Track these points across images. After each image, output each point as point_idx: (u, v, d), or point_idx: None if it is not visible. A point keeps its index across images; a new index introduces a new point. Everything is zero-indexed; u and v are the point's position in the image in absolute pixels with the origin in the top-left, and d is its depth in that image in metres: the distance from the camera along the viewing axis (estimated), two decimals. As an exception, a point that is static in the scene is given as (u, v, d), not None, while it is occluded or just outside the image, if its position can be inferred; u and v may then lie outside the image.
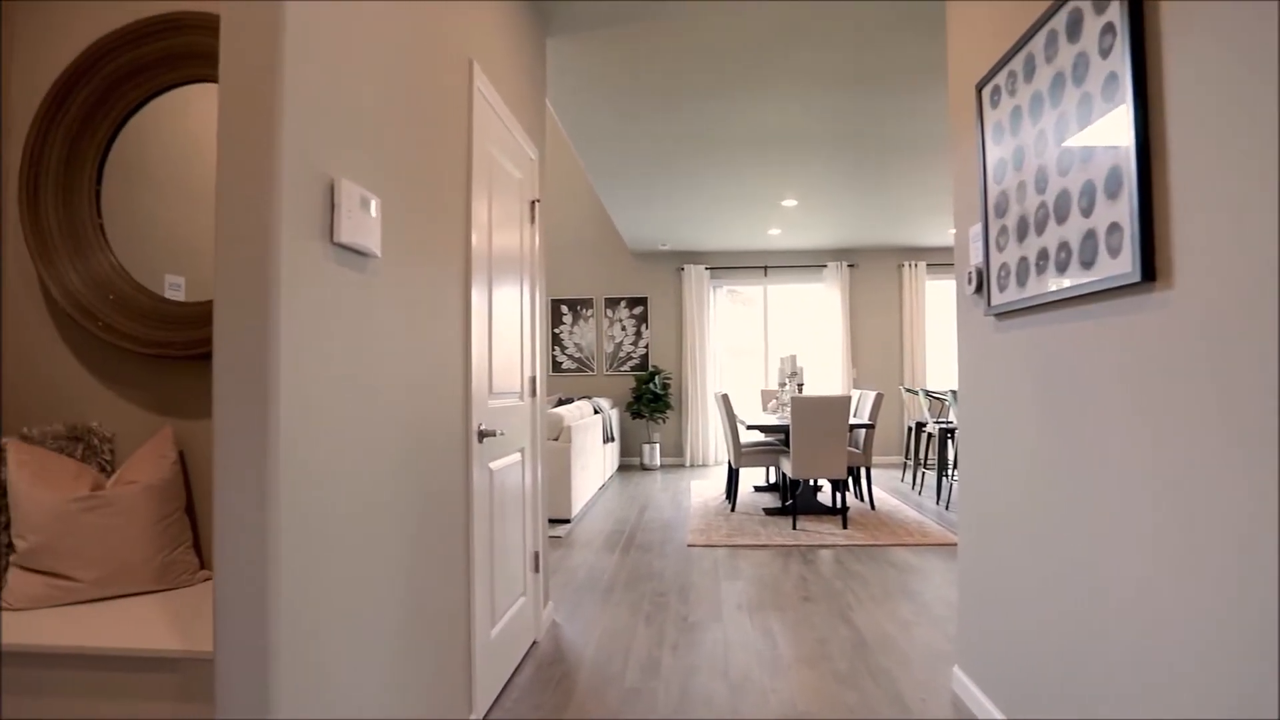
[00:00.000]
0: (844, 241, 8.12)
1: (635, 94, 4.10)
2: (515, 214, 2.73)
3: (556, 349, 8.77)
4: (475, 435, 2.17)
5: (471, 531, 2.13)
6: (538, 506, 2.96)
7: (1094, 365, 1.54)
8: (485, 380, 2.31)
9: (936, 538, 4.66)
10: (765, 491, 6.60)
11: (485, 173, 2.32)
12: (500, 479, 2.45)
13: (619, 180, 5.64)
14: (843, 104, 4.21)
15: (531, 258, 2.98)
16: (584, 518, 5.52)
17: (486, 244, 2.34)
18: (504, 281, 2.56)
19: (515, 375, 2.69)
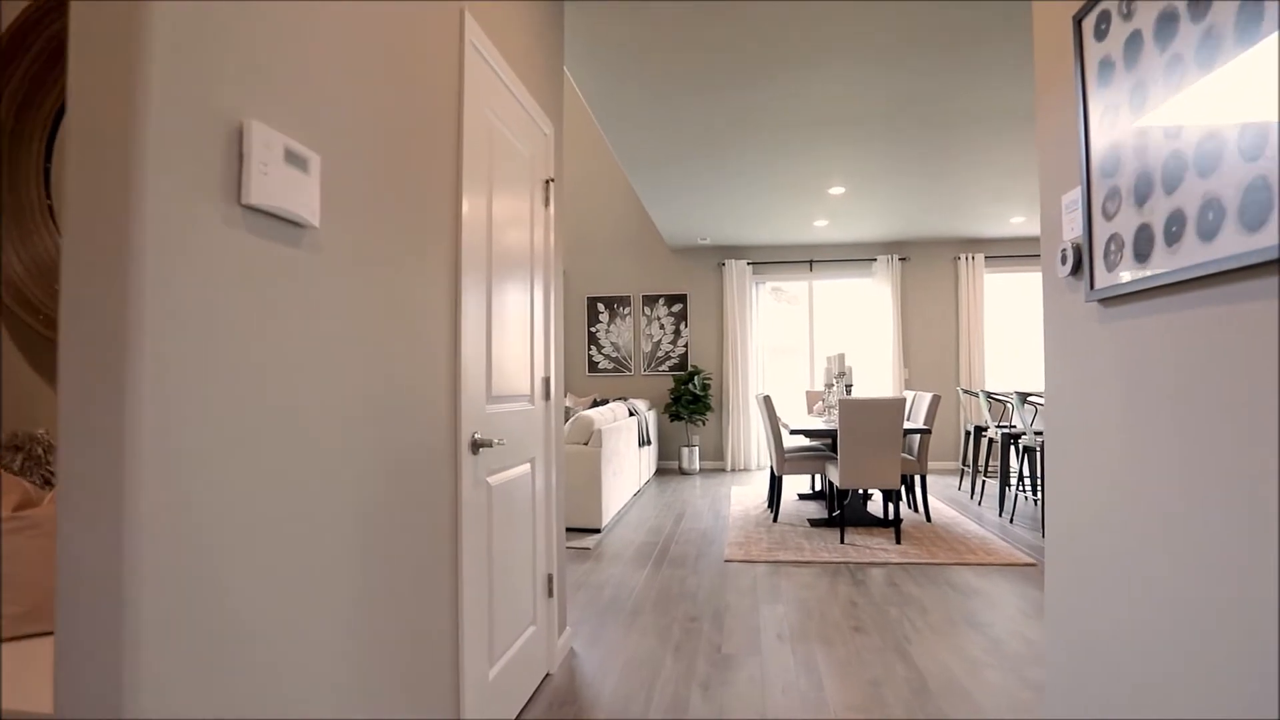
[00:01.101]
0: (895, 233, 7.63)
1: (669, 70, 3.76)
2: (524, 194, 2.42)
3: (593, 348, 8.49)
4: (467, 447, 1.87)
5: (461, 558, 1.82)
6: (552, 523, 2.65)
7: (1258, 364, 1.14)
8: (482, 385, 2.00)
9: (1003, 556, 4.20)
10: (810, 500, 6.18)
11: (483, 143, 2.02)
12: (503, 494, 2.14)
13: (653, 167, 5.30)
14: (897, 75, 3.79)
15: (545, 244, 2.67)
16: (615, 527, 5.20)
17: (485, 227, 2.04)
18: (509, 271, 2.25)
19: (524, 377, 2.38)
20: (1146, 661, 1.48)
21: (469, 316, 1.89)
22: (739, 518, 5.45)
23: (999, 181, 5.70)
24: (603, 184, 8.52)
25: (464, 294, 1.86)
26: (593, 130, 8.47)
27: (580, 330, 8.55)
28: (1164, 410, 1.41)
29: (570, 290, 8.57)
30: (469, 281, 1.89)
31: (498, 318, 2.14)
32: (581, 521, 4.95)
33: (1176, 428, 1.38)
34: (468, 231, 1.89)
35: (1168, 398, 1.40)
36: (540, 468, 2.54)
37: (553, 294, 2.74)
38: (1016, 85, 3.91)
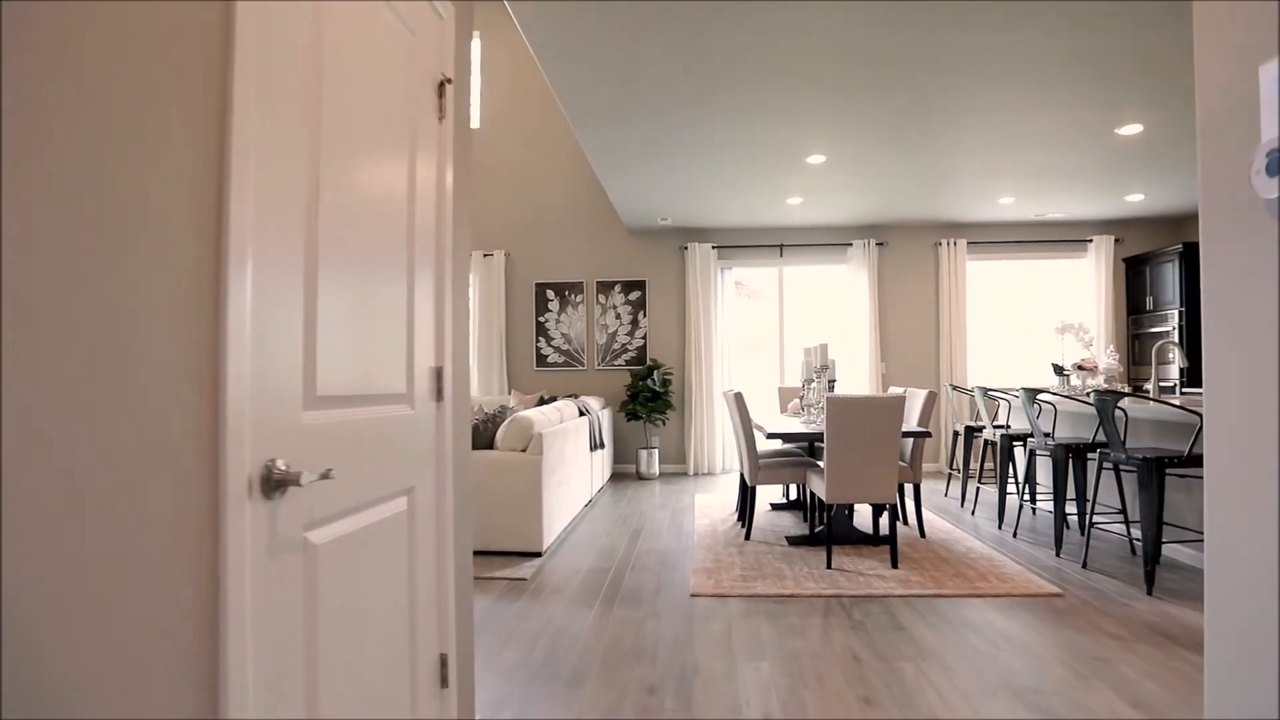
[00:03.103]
0: (872, 215, 6.96)
1: (630, 4, 2.96)
2: (397, 98, 1.58)
3: (541, 340, 7.63)
4: (250, 488, 1.03)
5: (227, 690, 0.98)
6: (449, 578, 1.82)
7: None
8: (291, 385, 1.16)
9: (1021, 584, 3.51)
10: (785, 510, 5.46)
11: (292, 31, 1.18)
12: (342, 555, 1.31)
13: (609, 129, 4.48)
14: (881, 24, 3.05)
15: (439, 180, 1.83)
16: (560, 548, 4.38)
17: (298, 158, 1.20)
18: (356, 219, 1.41)
19: (394, 368, 1.55)
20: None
21: (235, 279, 1.05)
22: (705, 534, 4.69)
23: (991, 153, 5.04)
24: (553, 157, 7.66)
25: (229, 248, 1.02)
26: (542, 97, 7.60)
27: (527, 320, 7.69)
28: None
29: (516, 275, 7.70)
30: (238, 236, 1.05)
31: (335, 283, 1.30)
32: (517, 544, 4.11)
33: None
34: (255, 164, 1.05)
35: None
36: (426, 499, 1.71)
37: (453, 250, 1.90)
38: (1016, 35, 3.21)
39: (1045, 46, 3.49)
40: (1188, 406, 3.55)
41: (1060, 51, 3.55)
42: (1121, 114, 4.34)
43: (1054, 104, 4.16)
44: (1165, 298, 6.63)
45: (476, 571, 3.81)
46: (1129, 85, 3.92)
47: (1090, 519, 3.81)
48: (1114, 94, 4.04)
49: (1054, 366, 5.26)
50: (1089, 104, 4.18)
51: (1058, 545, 4.09)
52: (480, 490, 4.09)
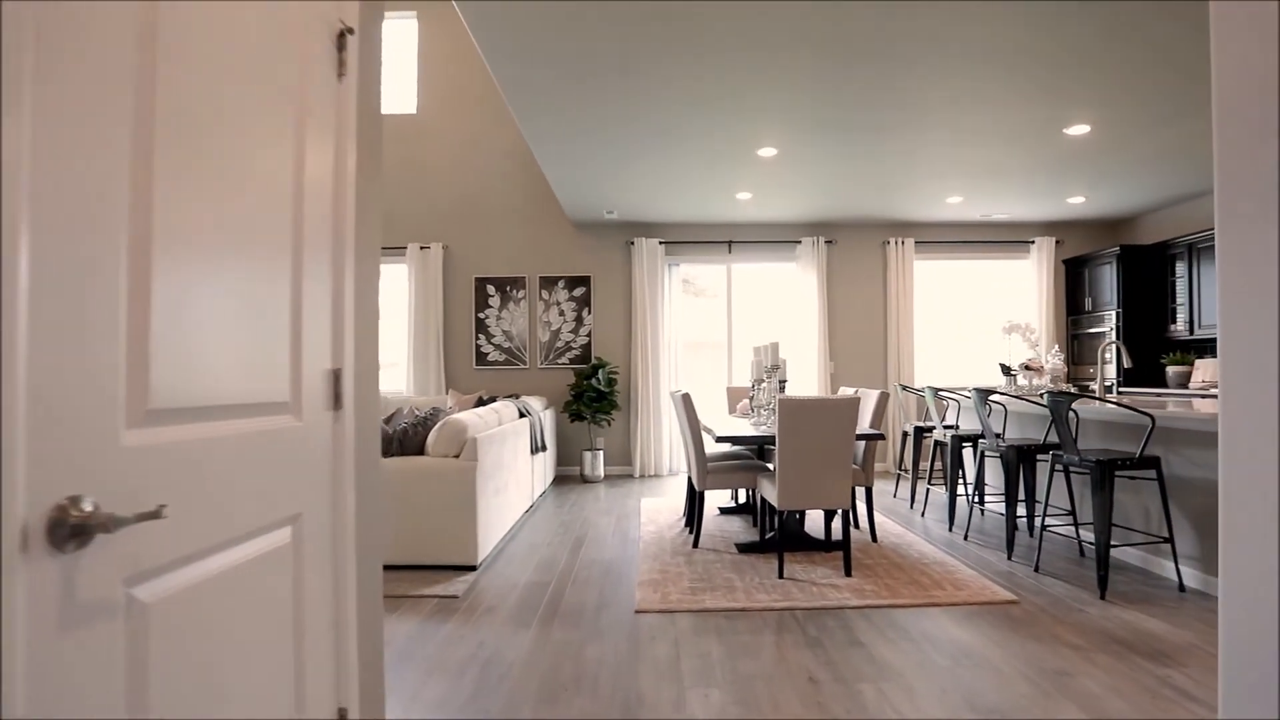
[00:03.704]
0: (821, 212, 6.87)
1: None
2: (277, 52, 1.29)
3: (481, 337, 7.29)
4: (25, 541, 0.74)
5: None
6: (348, 617, 1.53)
7: None
8: (104, 396, 0.88)
9: (976, 591, 3.41)
10: (734, 514, 5.29)
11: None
12: (176, 616, 1.02)
13: (552, 118, 4.20)
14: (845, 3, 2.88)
15: (339, 151, 1.54)
16: (496, 560, 4.09)
17: (105, 110, 0.91)
18: (218, 200, 1.12)
19: (270, 374, 1.26)
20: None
21: (49, 269, 0.76)
22: (652, 541, 4.47)
23: (942, 150, 4.97)
24: (495, 146, 7.32)
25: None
26: (484, 83, 7.25)
27: (466, 316, 7.33)
28: None
29: (455, 269, 7.34)
30: (45, 211, 0.76)
31: (184, 273, 1.01)
32: (449, 557, 3.81)
33: None
34: (31, 133, 0.76)
35: None
36: (319, 526, 1.43)
37: (357, 237, 1.61)
38: (967, 28, 3.10)
39: (997, 41, 3.39)
40: (1139, 408, 3.51)
41: (1012, 47, 3.45)
42: (1070, 114, 4.30)
43: (1005, 101, 4.08)
44: (1103, 299, 6.74)
45: (404, 589, 3.50)
46: (1078, 85, 3.86)
47: (1043, 522, 3.74)
48: (1064, 93, 3.98)
49: (1002, 367, 5.23)
50: (1039, 103, 4.12)
51: (1009, 548, 4.02)
52: (408, 501, 3.77)
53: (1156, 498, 3.75)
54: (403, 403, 6.79)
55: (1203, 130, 4.59)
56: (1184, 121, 4.43)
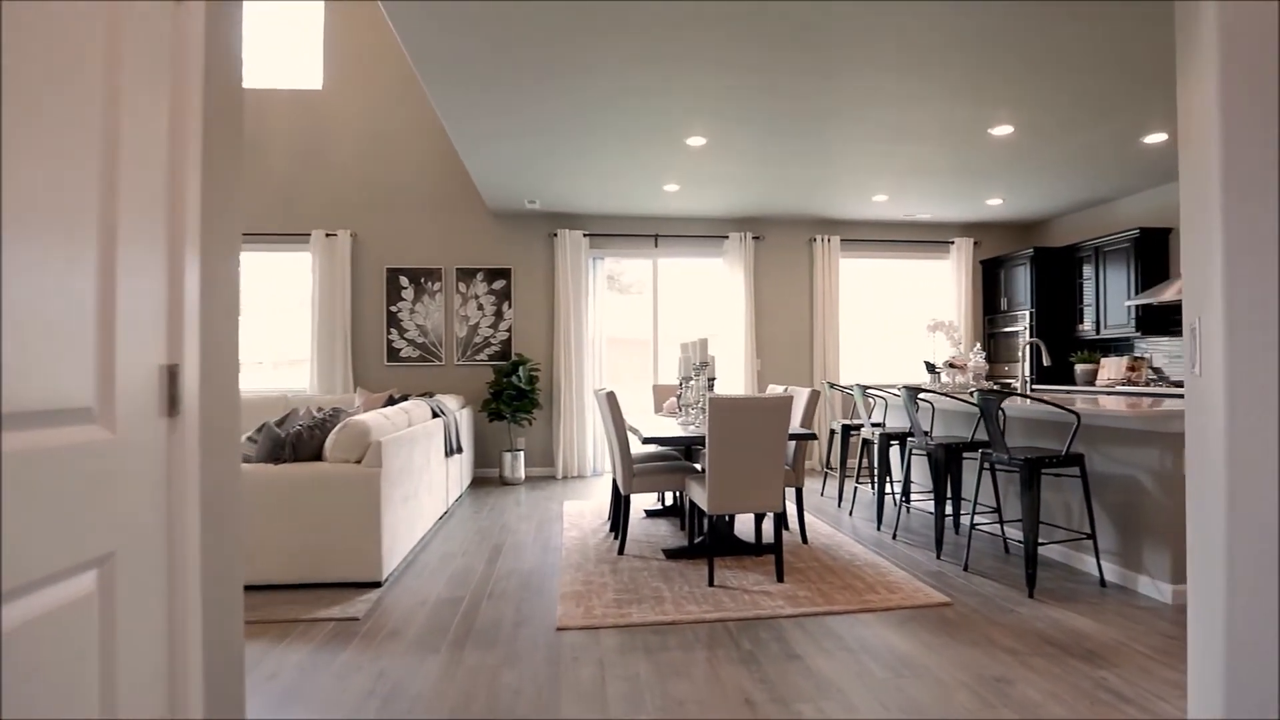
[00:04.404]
0: (750, 208, 6.77)
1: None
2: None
3: (393, 332, 6.83)
4: None
5: None
6: (189, 675, 1.21)
7: None
8: None
9: (910, 594, 3.32)
10: (660, 517, 5.09)
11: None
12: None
13: (470, 99, 3.87)
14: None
15: (176, 100, 1.22)
16: (404, 574, 3.74)
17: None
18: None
19: (60, 372, 0.94)
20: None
21: None
22: (575, 548, 4.21)
23: (871, 146, 4.92)
24: (409, 127, 6.87)
25: None
26: (398, 58, 6.79)
27: (377, 309, 6.85)
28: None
29: (364, 259, 6.84)
30: None
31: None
32: (350, 573, 3.44)
33: None
34: None
35: None
36: (144, 566, 1.11)
37: (203, 211, 1.29)
38: (898, 19, 3.02)
39: (929, 36, 3.31)
40: (1065, 406, 3.51)
41: (942, 42, 3.38)
42: (996, 114, 4.31)
43: (935, 98, 4.04)
44: (1018, 299, 6.93)
45: (295, 613, 3.11)
46: (1005, 84, 3.85)
47: (973, 520, 3.70)
48: (991, 92, 3.97)
49: (926, 364, 5.24)
50: (968, 101, 4.10)
51: (938, 547, 3.98)
52: (303, 512, 3.38)
53: (1077, 494, 3.77)
54: (305, 402, 6.27)
55: (1113, 136, 4.71)
56: (1099, 127, 4.52)
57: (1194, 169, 1.67)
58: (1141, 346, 6.21)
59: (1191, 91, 1.67)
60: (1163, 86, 3.93)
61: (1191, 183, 1.67)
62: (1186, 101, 1.72)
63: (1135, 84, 3.90)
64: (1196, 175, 1.64)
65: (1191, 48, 1.67)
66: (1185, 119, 1.73)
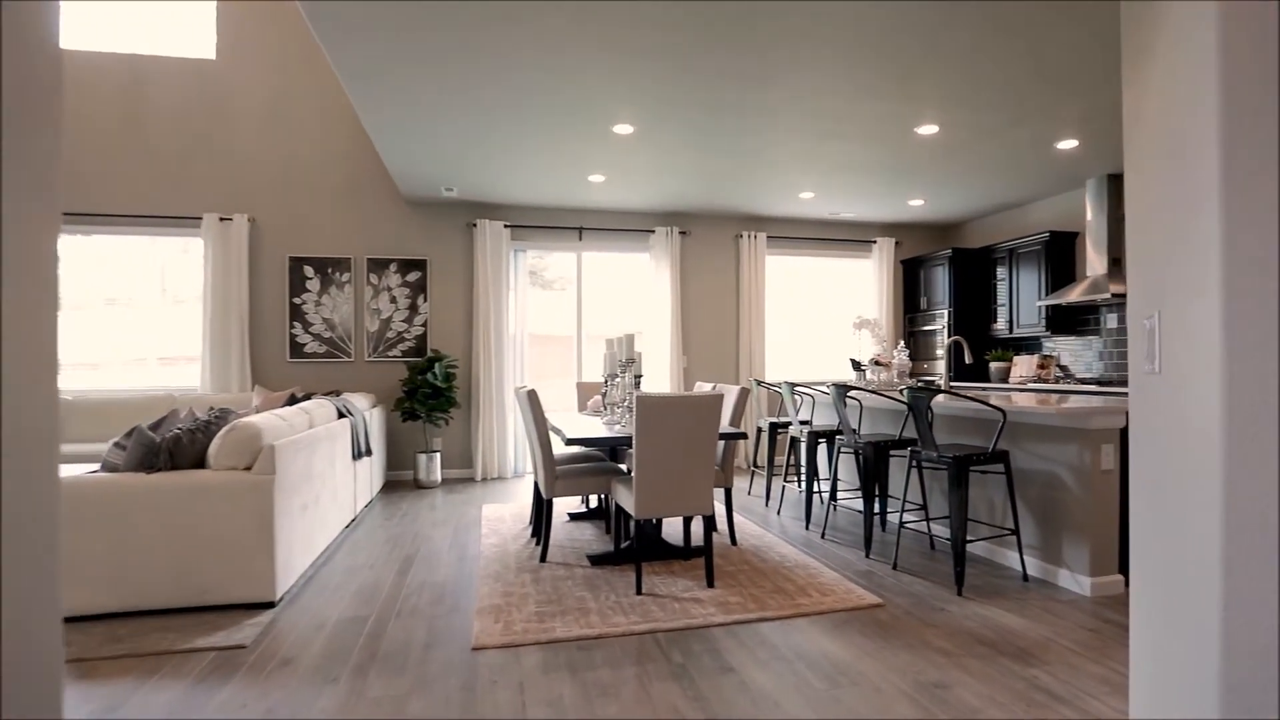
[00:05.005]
0: (676, 202, 6.64)
1: None
2: None
3: (297, 326, 6.33)
4: None
5: None
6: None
7: None
8: None
9: (842, 596, 3.24)
10: (584, 520, 4.89)
11: None
12: None
13: (380, 75, 3.53)
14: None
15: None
16: (303, 592, 3.39)
17: None
18: None
19: None
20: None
21: None
22: (494, 557, 3.95)
23: (799, 142, 4.86)
24: (316, 105, 6.39)
25: None
26: (302, 27, 6.29)
27: (279, 301, 6.34)
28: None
29: (264, 246, 6.32)
30: None
31: None
32: (238, 593, 3.07)
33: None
34: None
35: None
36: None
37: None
38: (827, 14, 2.94)
39: (857, 28, 3.23)
40: (992, 404, 3.51)
41: (875, 36, 3.32)
42: (923, 112, 4.32)
43: (865, 93, 3.99)
44: (937, 298, 7.09)
45: (169, 643, 2.74)
46: (932, 82, 3.84)
47: (901, 519, 3.67)
48: (919, 90, 3.96)
49: (852, 362, 5.24)
50: (896, 98, 4.07)
51: (867, 546, 3.94)
52: (181, 527, 2.99)
53: (1000, 491, 3.81)
54: (194, 402, 5.72)
55: (1029, 140, 4.81)
56: (1016, 131, 4.61)
57: (1144, 168, 1.60)
58: (1049, 345, 6.45)
59: (1146, 89, 1.60)
60: (1075, 94, 4.01)
61: (1145, 183, 1.60)
62: (1134, 102, 1.65)
63: (1050, 90, 3.96)
64: (1150, 174, 1.57)
65: (1144, 40, 1.61)
66: (1133, 122, 1.66)
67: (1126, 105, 1.73)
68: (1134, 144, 1.67)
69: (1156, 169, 1.53)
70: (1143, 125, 1.63)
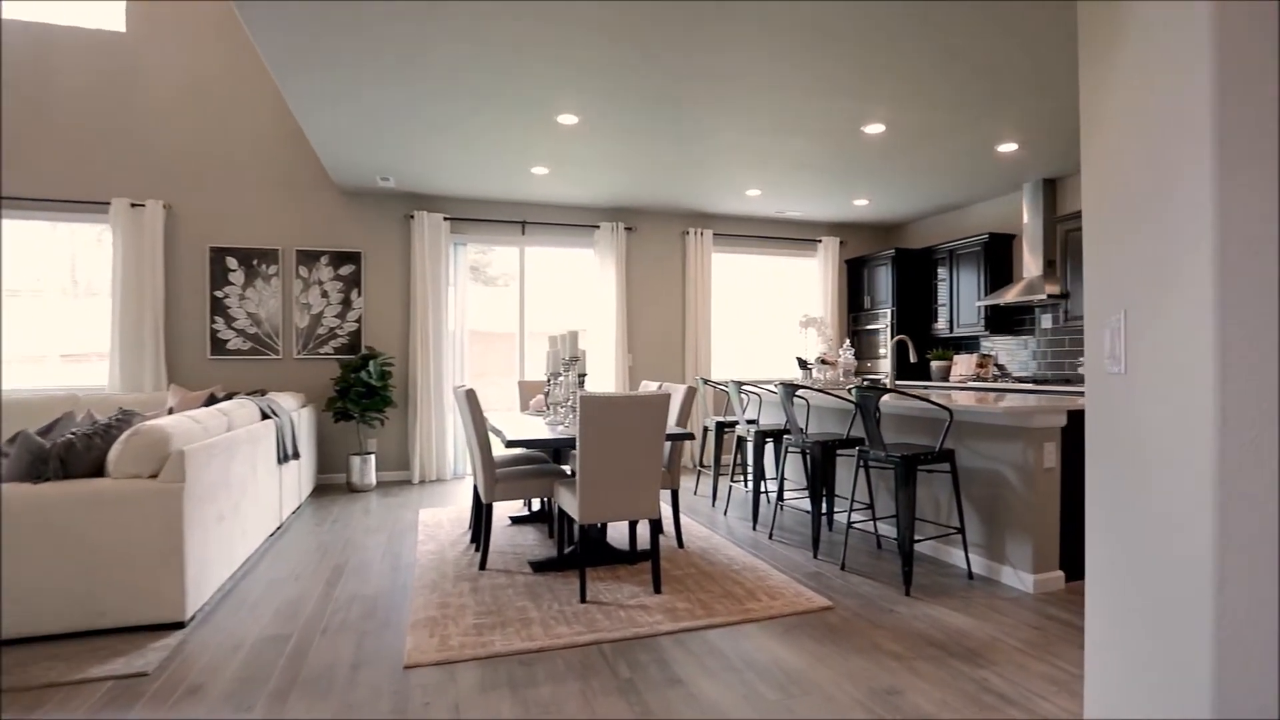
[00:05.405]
0: (622, 197, 6.51)
1: None
2: None
3: (219, 321, 5.94)
4: None
5: None
6: None
7: None
8: None
9: (791, 599, 3.17)
10: (527, 523, 4.71)
11: None
12: None
13: (309, 55, 3.28)
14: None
15: None
16: (216, 610, 3.12)
17: None
18: None
19: None
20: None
21: None
22: (430, 565, 3.75)
23: (748, 138, 4.80)
24: (240, 84, 6.00)
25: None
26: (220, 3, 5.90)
27: (198, 294, 5.94)
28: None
29: (182, 235, 5.91)
30: None
31: None
32: (143, 614, 2.80)
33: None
34: None
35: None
36: None
37: None
38: (778, 9, 2.86)
39: (809, 20, 3.16)
40: (940, 403, 3.51)
41: (822, 34, 3.27)
42: (871, 110, 4.30)
43: (813, 90, 3.94)
44: (880, 297, 7.16)
45: (60, 673, 2.46)
46: (880, 80, 3.82)
47: (849, 519, 3.64)
48: (867, 88, 3.93)
49: (799, 361, 5.21)
50: (845, 95, 4.04)
51: (815, 546, 3.89)
52: (75, 542, 2.70)
53: (945, 489, 3.81)
54: (101, 403, 5.29)
55: (972, 143, 4.87)
56: (960, 133, 4.65)
57: (1105, 166, 1.56)
58: (987, 345, 6.59)
59: (1109, 85, 1.55)
60: (1015, 98, 4.05)
61: (1105, 181, 1.55)
62: (1093, 100, 1.61)
63: (993, 93, 4.00)
64: (1113, 172, 1.52)
65: (1108, 37, 1.56)
66: (1092, 120, 1.62)
67: (1084, 103, 1.68)
68: (1094, 142, 1.63)
69: (1122, 166, 1.48)
70: (1104, 123, 1.58)
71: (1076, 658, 2.60)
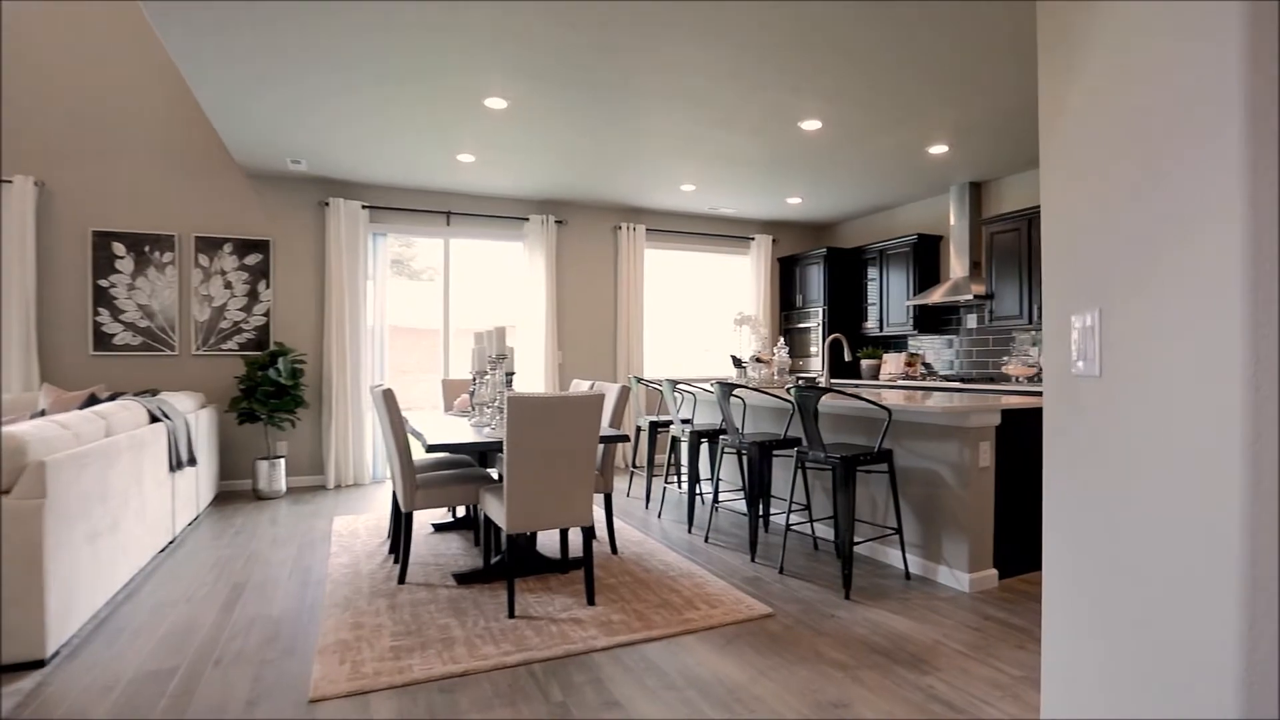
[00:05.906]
0: (553, 189, 6.28)
1: None
2: None
3: (105, 313, 5.38)
4: None
5: None
6: None
7: None
8: None
9: (731, 607, 3.04)
10: (450, 530, 4.44)
11: None
12: None
13: (207, 26, 2.93)
14: None
15: None
16: (91, 642, 2.74)
17: None
18: None
19: None
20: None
21: None
22: (344, 579, 3.44)
23: (683, 129, 4.67)
24: (127, 46, 5.44)
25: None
26: (105, -34, 5.34)
27: (78, 283, 5.36)
28: None
29: (58, 217, 5.31)
30: None
31: None
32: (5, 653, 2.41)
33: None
34: None
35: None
36: None
37: None
38: None
39: (746, 20, 3.04)
40: (878, 402, 3.45)
41: (757, 23, 3.15)
42: (808, 106, 4.23)
43: (750, 81, 3.83)
44: (812, 296, 7.18)
45: (-120, 723, 2.07)
46: (819, 75, 3.75)
47: (788, 520, 3.55)
48: (804, 83, 3.85)
49: (734, 359, 5.12)
50: (783, 88, 3.95)
51: (752, 549, 3.79)
52: (-93, 566, 2.29)
53: (882, 489, 3.78)
54: (-40, 404, 4.68)
55: (904, 143, 4.89)
56: (893, 133, 4.65)
57: (1070, 161, 1.47)
58: (915, 344, 6.69)
59: (1077, 74, 1.47)
60: (951, 98, 4.06)
61: (1071, 177, 1.46)
62: (1055, 92, 1.52)
63: (927, 94, 3.99)
64: (1086, 166, 1.43)
65: (1072, 27, 1.47)
66: (1054, 114, 1.53)
67: (1044, 97, 1.60)
68: (1056, 136, 1.54)
69: (1096, 159, 1.39)
70: (1070, 115, 1.49)
71: (1017, 659, 2.57)
